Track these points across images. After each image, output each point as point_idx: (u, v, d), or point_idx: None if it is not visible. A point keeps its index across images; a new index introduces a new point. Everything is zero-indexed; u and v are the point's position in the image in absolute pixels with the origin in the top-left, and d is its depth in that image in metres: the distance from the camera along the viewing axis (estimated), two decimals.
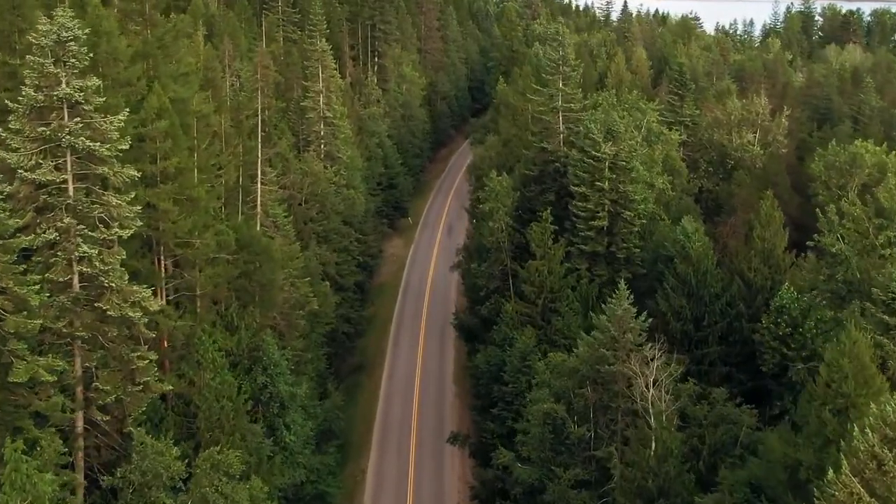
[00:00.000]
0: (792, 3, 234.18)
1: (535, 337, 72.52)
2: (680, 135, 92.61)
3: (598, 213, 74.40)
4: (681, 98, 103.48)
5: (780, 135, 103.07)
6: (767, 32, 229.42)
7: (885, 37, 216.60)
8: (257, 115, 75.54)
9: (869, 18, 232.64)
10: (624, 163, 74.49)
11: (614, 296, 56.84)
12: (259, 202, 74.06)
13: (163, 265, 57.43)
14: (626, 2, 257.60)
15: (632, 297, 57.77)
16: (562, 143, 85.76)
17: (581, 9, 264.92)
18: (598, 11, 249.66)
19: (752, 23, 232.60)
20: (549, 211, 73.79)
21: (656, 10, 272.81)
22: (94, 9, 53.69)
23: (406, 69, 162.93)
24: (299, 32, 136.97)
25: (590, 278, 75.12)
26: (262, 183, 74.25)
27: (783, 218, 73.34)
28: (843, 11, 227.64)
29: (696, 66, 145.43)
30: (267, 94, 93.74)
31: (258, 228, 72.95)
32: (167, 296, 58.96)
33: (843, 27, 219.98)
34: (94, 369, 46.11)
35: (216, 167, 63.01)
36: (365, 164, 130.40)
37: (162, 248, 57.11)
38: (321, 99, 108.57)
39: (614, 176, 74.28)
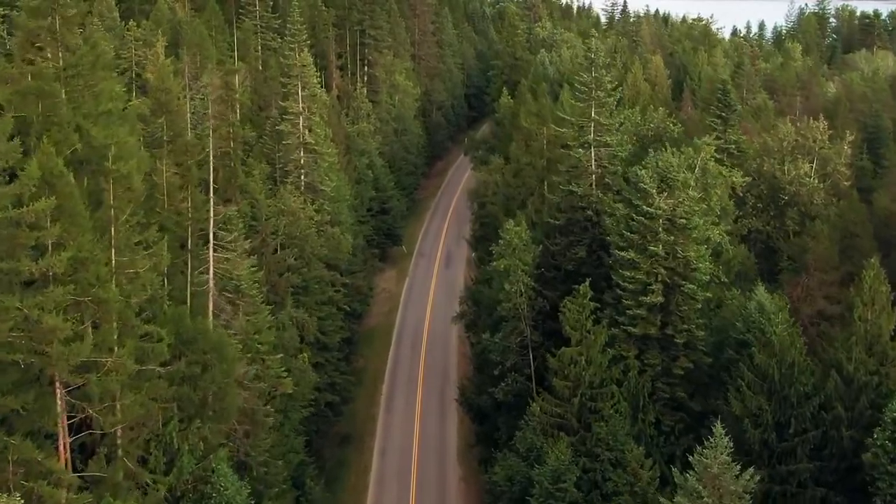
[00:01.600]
0: (807, 4, 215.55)
1: (571, 448, 54.42)
2: (742, 175, 74.07)
3: (650, 285, 56.13)
4: (724, 122, 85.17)
5: (841, 164, 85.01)
6: (779, 34, 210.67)
7: None
8: (209, 163, 56.85)
9: (886, 20, 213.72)
10: (684, 220, 56.20)
11: (708, 444, 38.54)
12: (212, 274, 55.46)
13: (58, 399, 38.99)
14: (625, 1, 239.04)
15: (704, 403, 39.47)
16: (594, 185, 67.50)
17: (580, 10, 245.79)
18: (601, 13, 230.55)
19: (763, 25, 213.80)
20: (587, 283, 55.42)
21: (656, 11, 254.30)
22: None
23: (399, 78, 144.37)
24: (279, 40, 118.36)
25: (640, 369, 56.91)
26: (215, 250, 55.63)
27: (890, 292, 55.30)
28: (864, 13, 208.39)
29: (722, 77, 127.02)
30: (232, 121, 75.34)
31: (210, 310, 54.53)
32: (70, 435, 40.65)
33: (865, 30, 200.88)
34: None
35: (143, 245, 44.45)
36: (353, 189, 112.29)
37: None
38: (301, 122, 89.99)
39: (671, 238, 55.99)
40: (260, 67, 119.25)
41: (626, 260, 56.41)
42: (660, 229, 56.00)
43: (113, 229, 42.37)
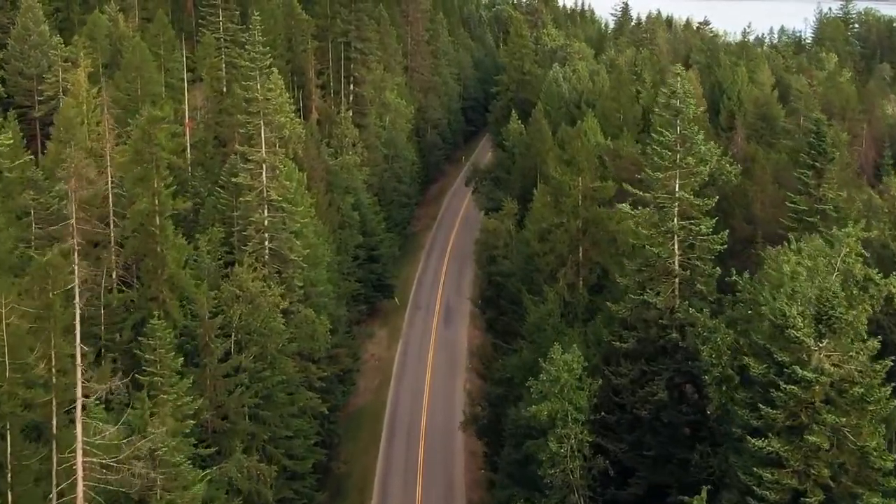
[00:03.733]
0: (830, 8, 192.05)
1: None
2: None
3: (804, 495, 33.07)
4: (819, 173, 62.28)
5: None
6: (798, 40, 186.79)
7: None
8: (74, 300, 33.41)
9: None
10: (860, 389, 33.13)
11: None
12: (80, 483, 31.97)
13: None
14: (626, 3, 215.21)
15: None
16: (678, 294, 44.41)
17: (583, 14, 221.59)
18: (610, 18, 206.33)
19: (782, 30, 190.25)
20: (704, 494, 32.37)
21: (658, 13, 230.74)
22: None
23: (389, 96, 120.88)
24: (246, 59, 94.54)
25: None
26: (85, 442, 32.14)
27: None
28: (892, 18, 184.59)
29: (770, 98, 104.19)
30: (157, 189, 51.93)
31: None
32: None
33: None
34: None
35: None
36: (336, 237, 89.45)
37: None
38: (264, 172, 66.69)
39: (842, 420, 32.93)
40: (224, 89, 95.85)
41: (765, 454, 33.31)
42: (819, 404, 32.91)
43: None
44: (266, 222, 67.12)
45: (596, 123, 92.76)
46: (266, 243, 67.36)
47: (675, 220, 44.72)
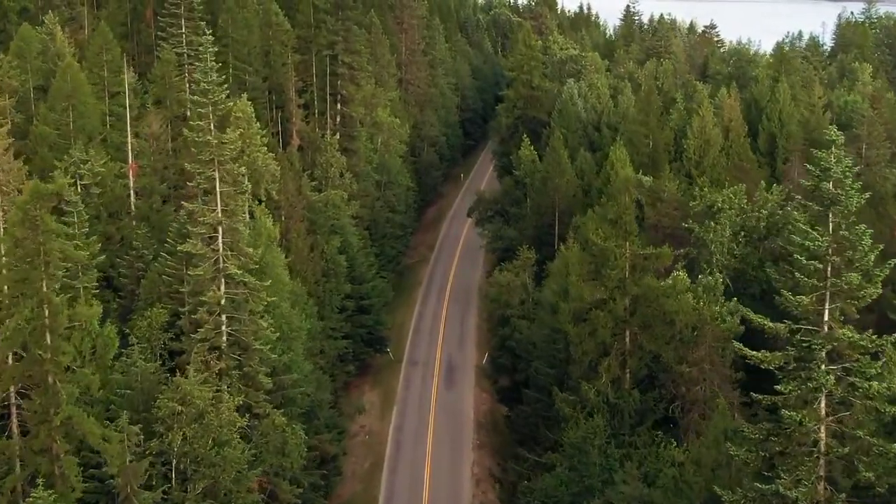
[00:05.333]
0: (852, 13, 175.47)
1: None
2: None
3: None
4: None
5: None
6: (815, 44, 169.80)
7: None
8: None
9: None
10: None
11: None
12: None
13: None
14: (628, 6, 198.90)
15: None
16: (825, 477, 28.02)
17: (586, 17, 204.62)
18: (618, 21, 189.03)
19: (799, 35, 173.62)
20: None
21: (661, 15, 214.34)
22: None
23: (382, 114, 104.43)
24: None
25: None
26: None
27: None
28: None
29: (822, 121, 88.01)
30: (45, 294, 35.25)
31: None
32: None
33: None
34: None
35: None
36: (319, 289, 73.62)
37: None
38: (220, 237, 50.21)
39: None
40: (188, 113, 79.24)
41: None
42: None
43: None
44: (223, 301, 50.64)
45: (625, 153, 76.72)
46: (223, 328, 50.92)
47: (824, 367, 28.42)
